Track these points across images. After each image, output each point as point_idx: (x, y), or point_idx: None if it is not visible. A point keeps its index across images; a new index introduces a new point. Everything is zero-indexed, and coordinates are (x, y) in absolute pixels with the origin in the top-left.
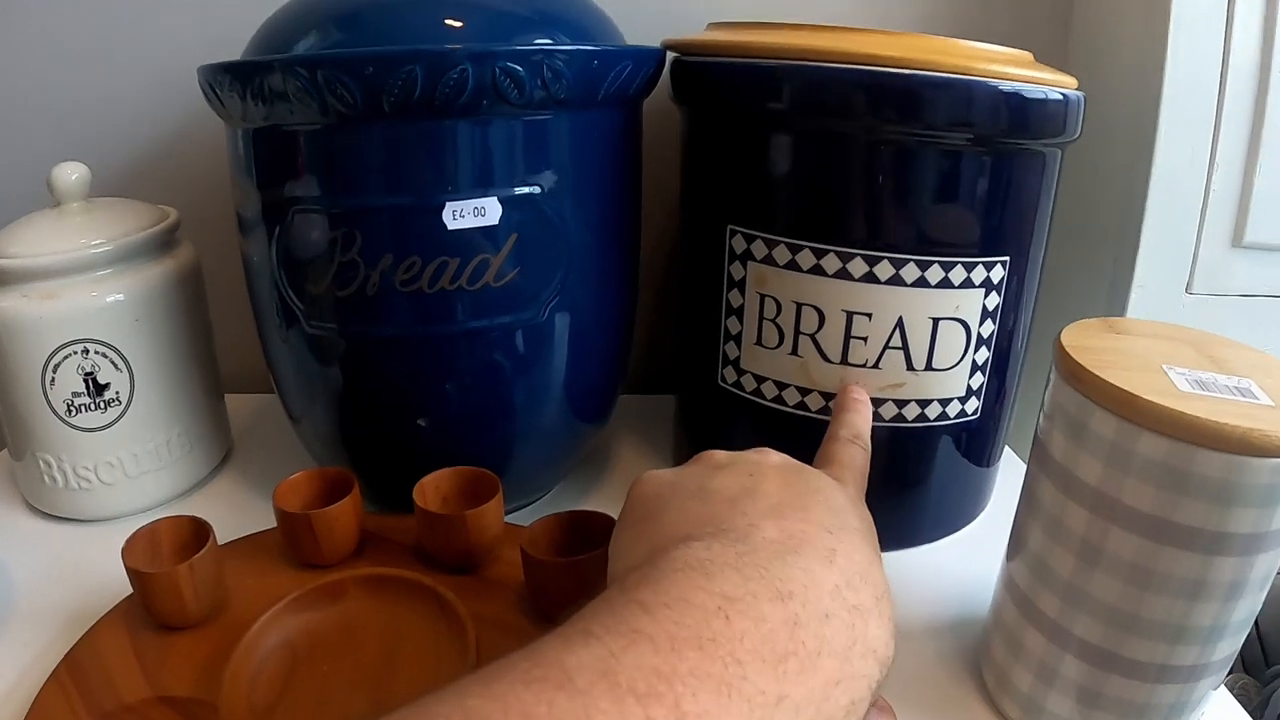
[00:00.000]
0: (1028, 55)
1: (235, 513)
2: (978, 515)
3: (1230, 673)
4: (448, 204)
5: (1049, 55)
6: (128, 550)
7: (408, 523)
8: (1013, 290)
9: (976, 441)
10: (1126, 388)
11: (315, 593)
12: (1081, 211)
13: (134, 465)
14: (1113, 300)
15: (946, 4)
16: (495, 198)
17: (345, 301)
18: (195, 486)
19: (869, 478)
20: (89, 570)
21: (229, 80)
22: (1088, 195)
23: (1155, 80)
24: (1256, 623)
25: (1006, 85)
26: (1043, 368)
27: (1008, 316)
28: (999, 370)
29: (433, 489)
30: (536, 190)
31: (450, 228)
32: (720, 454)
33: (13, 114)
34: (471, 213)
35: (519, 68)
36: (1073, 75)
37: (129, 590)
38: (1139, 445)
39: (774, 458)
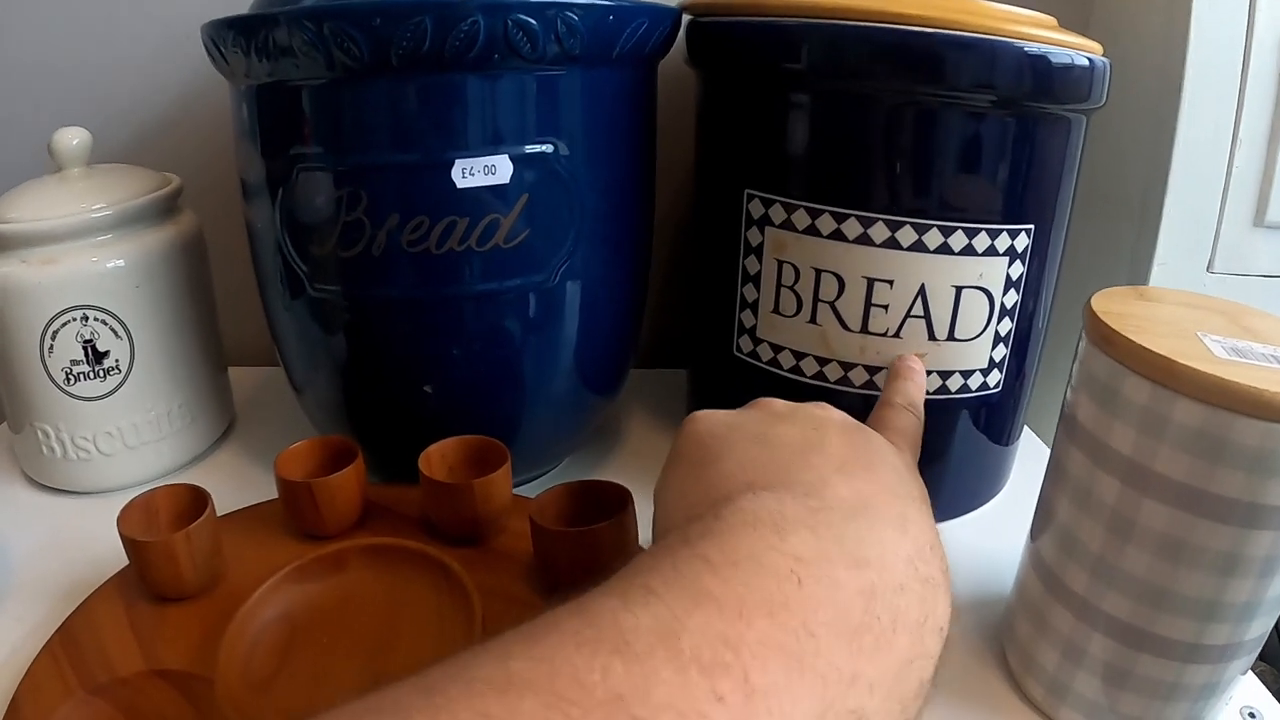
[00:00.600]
0: (1051, 20)
1: (237, 485)
2: (996, 494)
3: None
4: (457, 161)
5: (1070, 25)
6: (123, 519)
7: (412, 493)
8: (1037, 260)
9: (996, 417)
10: (1163, 352)
11: (315, 563)
12: (1102, 185)
13: (134, 436)
14: (1133, 277)
15: None
16: (506, 155)
17: (350, 263)
18: (196, 459)
19: None
20: (87, 542)
21: (233, 35)
22: (1109, 169)
23: (1179, 55)
24: None
25: (1032, 47)
26: (1062, 347)
27: (1031, 287)
28: (1021, 344)
29: (439, 458)
30: (549, 149)
31: (459, 186)
32: (779, 402)
33: (14, 79)
34: (481, 171)
35: (532, 20)
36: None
37: (126, 562)
38: (1174, 412)
39: (836, 414)
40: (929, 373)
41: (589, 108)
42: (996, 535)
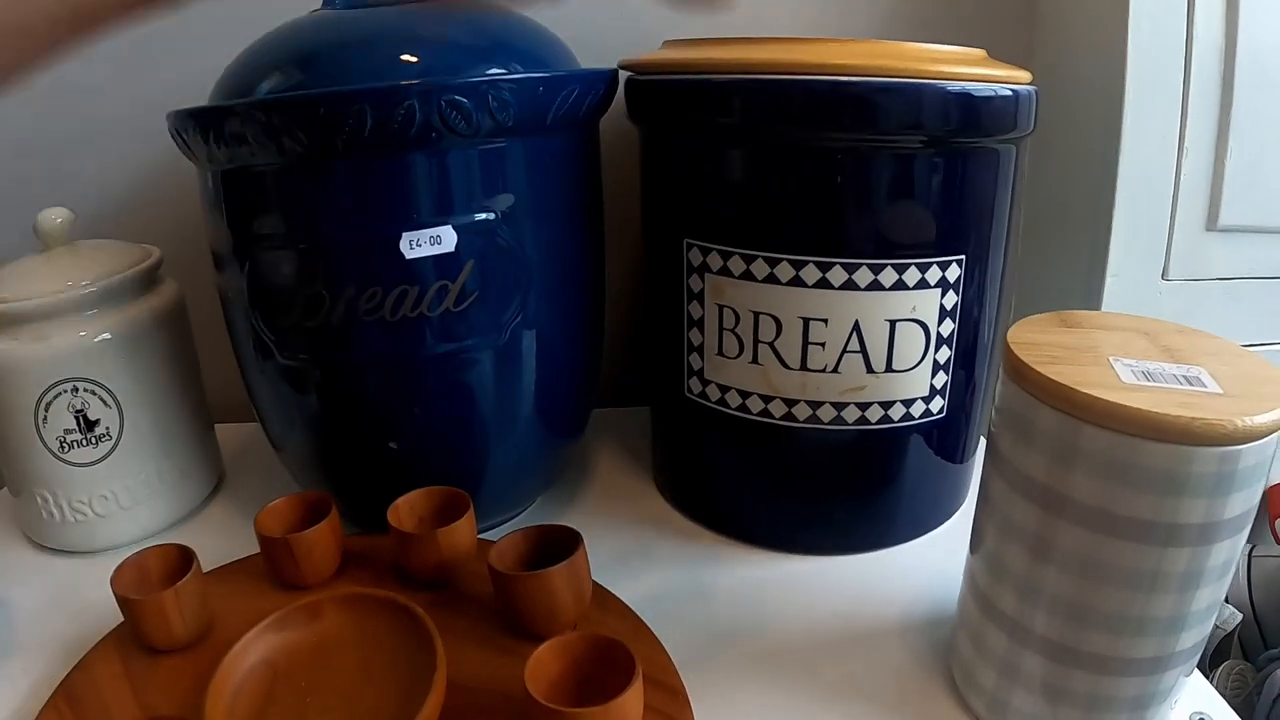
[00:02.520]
0: (980, 53)
1: (227, 539)
2: (955, 511)
3: (1228, 658)
4: (404, 234)
5: (1012, 49)
6: (117, 578)
7: (386, 542)
8: (973, 287)
9: (948, 438)
10: (1067, 382)
11: (294, 613)
12: (1054, 204)
13: (127, 497)
14: (1089, 291)
15: (907, 5)
16: (450, 226)
17: (313, 332)
18: (188, 515)
19: (830, 480)
20: (85, 600)
21: (193, 125)
22: (1058, 187)
23: (1118, 66)
24: (1253, 606)
25: (954, 85)
26: None
27: (969, 314)
28: (966, 367)
29: (407, 509)
30: (491, 216)
31: (408, 257)
32: None
33: None
34: (428, 241)
35: (465, 99)
36: (1036, 69)
37: (121, 618)
38: (1082, 440)
39: None
40: (870, 404)
41: (530, 173)
42: (956, 553)
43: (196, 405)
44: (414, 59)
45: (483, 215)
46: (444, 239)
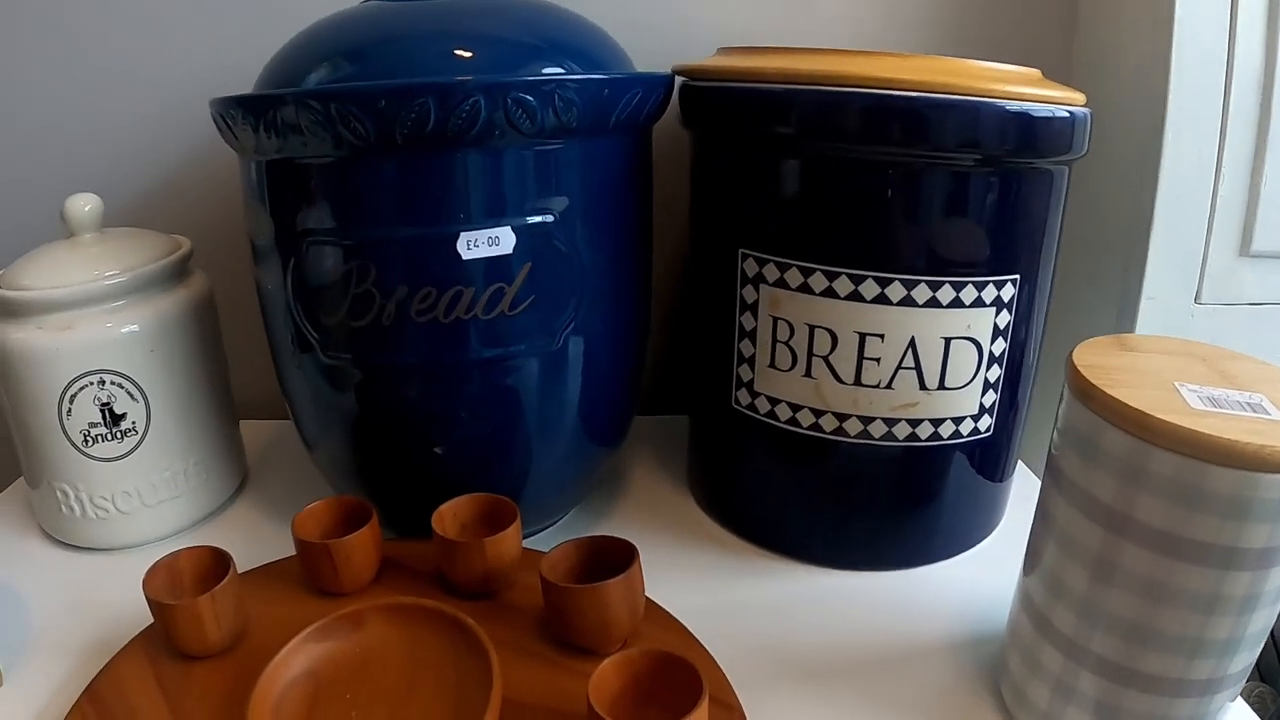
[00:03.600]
0: (1035, 73)
1: (253, 540)
2: (992, 530)
3: (1247, 681)
4: (462, 234)
5: (1053, 68)
6: (148, 581)
7: (425, 548)
8: (1023, 307)
9: (989, 457)
10: (1138, 406)
11: (337, 621)
12: (1090, 224)
13: (151, 494)
14: (1122, 312)
15: (951, 20)
16: (509, 227)
17: (361, 332)
18: (212, 514)
19: (875, 495)
20: (107, 600)
21: (242, 113)
22: (1096, 208)
23: (1160, 90)
24: (1272, 631)
25: (1013, 105)
26: (1054, 380)
27: (1019, 333)
28: (1011, 386)
29: (450, 516)
30: (550, 218)
31: (465, 258)
32: None
33: (24, 144)
34: (485, 242)
35: (531, 98)
36: (1078, 88)
37: (148, 620)
38: (1151, 463)
39: None
40: (921, 421)
41: (587, 176)
42: (994, 572)
43: (223, 401)
44: (468, 54)
45: (539, 217)
46: (502, 240)
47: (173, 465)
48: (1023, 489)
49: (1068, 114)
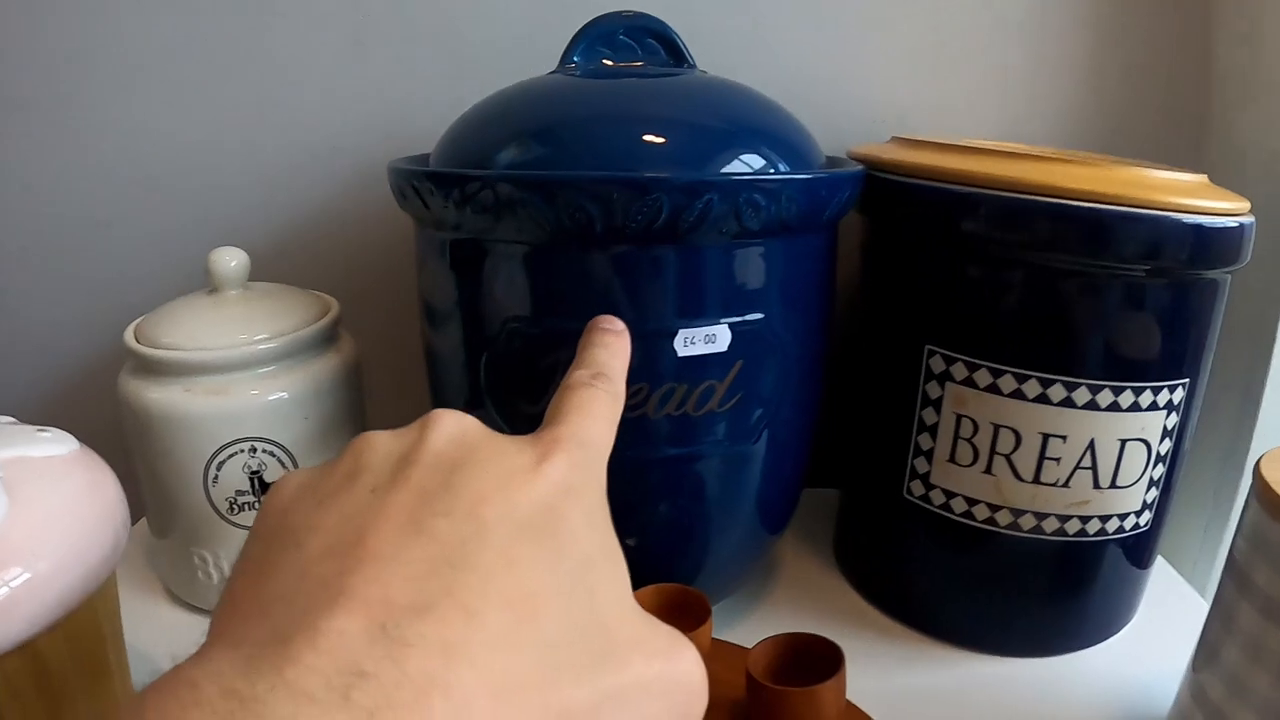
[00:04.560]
0: (1204, 180)
1: None
2: (1130, 618)
3: None
4: (680, 331)
5: (1187, 164)
6: None
7: None
8: (1187, 409)
9: (1140, 548)
10: None
11: None
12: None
13: None
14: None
15: (1086, 113)
16: (725, 325)
17: None
18: None
19: (1036, 584)
20: None
21: (443, 188)
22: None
23: None
24: None
25: (1190, 218)
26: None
27: (1182, 433)
28: (1168, 483)
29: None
30: (760, 315)
31: (680, 354)
32: (373, 441)
33: (156, 189)
34: (703, 340)
35: (761, 196)
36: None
37: None
38: None
39: (439, 437)
40: (1090, 518)
41: (791, 272)
42: (1139, 658)
43: None
44: (660, 140)
45: (752, 314)
46: (718, 338)
47: None
48: (1156, 578)
49: (1237, 224)
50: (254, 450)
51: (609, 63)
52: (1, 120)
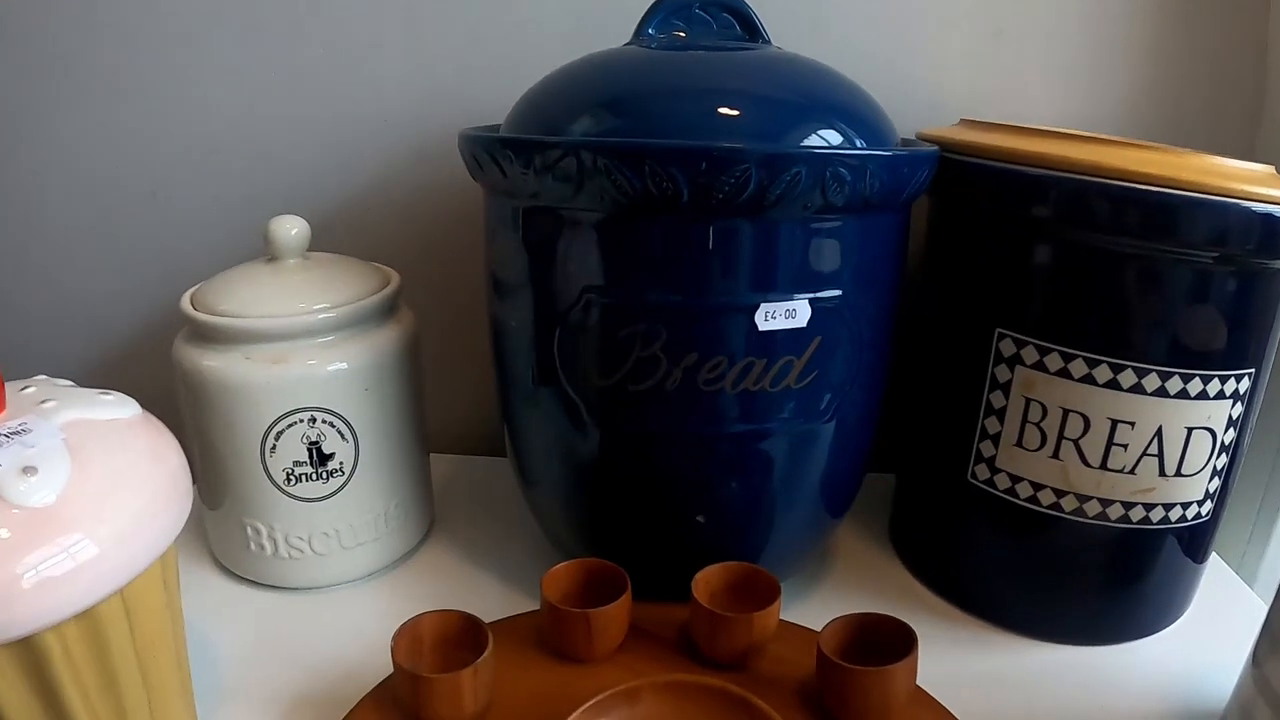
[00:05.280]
0: (1270, 170)
1: (446, 588)
2: (1185, 609)
3: None
4: (762, 305)
5: (1240, 155)
6: (397, 649)
7: (667, 614)
8: (1251, 399)
9: (1198, 540)
10: None
11: (612, 699)
12: None
13: (350, 537)
14: None
15: (1142, 104)
16: (805, 300)
17: (639, 396)
18: (403, 558)
19: (1096, 572)
20: (300, 644)
21: (527, 156)
22: None
23: None
24: None
25: (1259, 207)
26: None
27: (1245, 424)
28: (1230, 473)
29: (704, 584)
30: (838, 292)
31: (761, 329)
32: None
33: (215, 157)
34: (783, 315)
35: (847, 171)
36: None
37: (354, 672)
38: None
39: None
40: (1155, 505)
41: (868, 251)
42: (1194, 648)
43: (424, 440)
44: (735, 112)
45: (831, 292)
46: (798, 313)
47: (375, 508)
48: (1210, 570)
49: None
50: (313, 420)
51: (683, 34)
52: (59, 89)
